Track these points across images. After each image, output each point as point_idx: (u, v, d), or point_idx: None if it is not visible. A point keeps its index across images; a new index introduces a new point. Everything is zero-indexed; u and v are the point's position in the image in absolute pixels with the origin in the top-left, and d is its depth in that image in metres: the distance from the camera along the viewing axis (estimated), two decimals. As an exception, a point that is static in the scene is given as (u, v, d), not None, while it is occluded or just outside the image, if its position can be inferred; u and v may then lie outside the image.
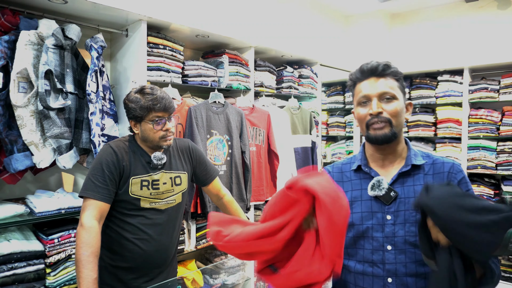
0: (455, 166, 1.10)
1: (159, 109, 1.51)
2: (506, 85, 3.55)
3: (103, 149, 1.55)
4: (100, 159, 1.50)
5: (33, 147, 1.71)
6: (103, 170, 1.48)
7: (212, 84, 2.53)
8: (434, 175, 1.09)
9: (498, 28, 3.60)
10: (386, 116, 1.06)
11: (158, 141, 1.55)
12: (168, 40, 2.27)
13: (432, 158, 1.13)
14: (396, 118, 1.07)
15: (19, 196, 1.94)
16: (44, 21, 1.78)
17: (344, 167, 1.22)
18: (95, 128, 1.90)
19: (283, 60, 3.37)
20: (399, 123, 1.08)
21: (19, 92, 1.67)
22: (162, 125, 1.54)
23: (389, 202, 1.07)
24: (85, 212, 1.42)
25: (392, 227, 1.06)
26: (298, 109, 3.20)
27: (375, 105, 1.06)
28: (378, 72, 1.09)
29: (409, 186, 1.09)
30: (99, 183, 1.46)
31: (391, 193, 1.07)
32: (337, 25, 4.18)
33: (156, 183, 1.58)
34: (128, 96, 1.56)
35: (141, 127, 1.55)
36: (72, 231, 1.84)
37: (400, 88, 1.11)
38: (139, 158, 1.57)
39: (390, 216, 1.07)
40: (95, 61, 1.92)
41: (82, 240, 1.36)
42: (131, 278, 1.55)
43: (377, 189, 1.07)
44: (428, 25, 4.13)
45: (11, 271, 1.63)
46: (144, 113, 1.51)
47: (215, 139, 2.44)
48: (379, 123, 1.06)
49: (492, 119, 3.59)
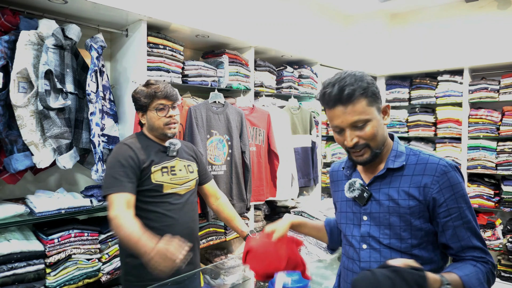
0: (439, 168, 1.04)
1: (161, 96, 1.62)
2: (506, 85, 3.55)
3: (117, 148, 1.61)
4: (117, 156, 1.56)
5: (33, 147, 1.71)
6: (122, 165, 1.53)
7: (212, 84, 2.53)
8: (413, 176, 1.06)
9: (498, 28, 3.60)
10: (363, 142, 1.05)
11: (163, 128, 1.64)
12: (168, 40, 2.27)
13: (418, 157, 1.09)
14: (374, 139, 1.05)
15: (19, 196, 1.94)
16: (44, 21, 1.78)
17: (339, 166, 1.28)
18: (95, 128, 1.90)
19: (283, 60, 3.37)
20: (379, 141, 1.07)
21: (19, 92, 1.67)
22: (166, 111, 1.63)
23: (363, 203, 1.11)
24: (112, 206, 1.46)
25: (367, 227, 1.11)
26: (298, 109, 3.20)
27: (349, 137, 1.04)
28: (343, 101, 1.01)
29: (384, 189, 1.09)
30: (121, 177, 1.51)
31: (364, 194, 1.10)
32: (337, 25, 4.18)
33: (173, 169, 1.67)
34: (135, 89, 1.68)
35: (147, 116, 1.66)
36: (72, 231, 1.84)
37: (372, 102, 1.04)
38: (153, 148, 1.65)
39: (366, 216, 1.11)
40: (95, 61, 1.92)
41: (121, 223, 1.39)
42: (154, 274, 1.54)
43: (352, 190, 1.11)
44: (428, 25, 4.13)
45: (11, 271, 1.63)
46: (148, 100, 1.62)
47: (215, 139, 2.44)
48: (358, 151, 1.07)
49: (492, 119, 3.59)
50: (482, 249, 1.04)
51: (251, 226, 2.81)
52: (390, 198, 1.07)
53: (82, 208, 1.87)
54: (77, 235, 1.86)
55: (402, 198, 1.06)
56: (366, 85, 1.03)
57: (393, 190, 1.08)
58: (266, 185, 2.82)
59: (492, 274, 1.04)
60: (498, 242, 3.40)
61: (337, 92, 1.01)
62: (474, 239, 1.04)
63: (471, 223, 1.04)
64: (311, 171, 3.25)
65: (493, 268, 1.05)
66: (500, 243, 3.38)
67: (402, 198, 1.06)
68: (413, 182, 1.06)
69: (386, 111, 1.10)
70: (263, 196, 2.78)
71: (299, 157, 3.16)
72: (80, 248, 1.86)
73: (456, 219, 1.03)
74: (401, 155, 1.10)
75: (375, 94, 1.06)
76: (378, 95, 1.07)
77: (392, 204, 1.07)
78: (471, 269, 1.01)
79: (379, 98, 1.08)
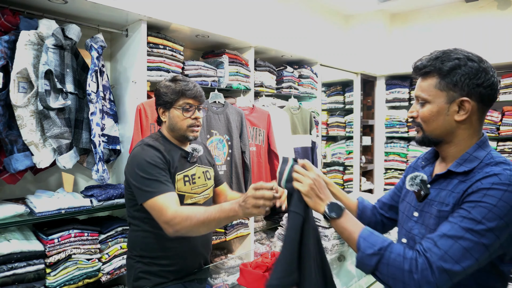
0: (492, 179, 0.91)
1: (190, 95, 1.49)
2: (506, 85, 3.56)
3: (143, 150, 1.44)
4: (147, 158, 1.40)
5: (33, 147, 1.71)
6: (156, 166, 1.39)
7: (212, 84, 2.53)
8: (467, 182, 0.96)
9: (498, 28, 3.60)
10: (418, 121, 1.06)
11: (186, 129, 1.51)
12: (168, 40, 2.27)
13: (489, 168, 0.95)
14: (427, 123, 1.04)
15: (19, 196, 1.94)
16: (44, 21, 1.78)
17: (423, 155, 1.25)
18: (95, 128, 1.90)
19: (283, 60, 3.37)
20: (433, 129, 1.04)
21: (19, 92, 1.67)
22: (192, 112, 1.50)
23: (419, 199, 1.05)
24: (164, 207, 1.31)
25: (413, 224, 1.08)
26: (298, 109, 3.20)
27: (411, 108, 1.08)
28: (418, 72, 1.05)
29: (444, 190, 1.02)
30: (161, 177, 1.38)
31: (422, 192, 1.03)
32: (337, 25, 4.18)
33: (193, 177, 1.55)
34: (159, 84, 1.54)
35: (170, 114, 1.51)
36: (72, 231, 1.84)
37: (444, 87, 1.00)
38: (175, 153, 1.51)
39: (418, 213, 1.08)
40: (95, 61, 1.92)
41: (187, 214, 1.27)
42: (175, 276, 1.51)
43: (411, 184, 1.06)
44: (428, 25, 4.14)
45: (11, 271, 1.63)
46: (175, 97, 1.48)
47: (215, 139, 2.44)
48: (414, 127, 1.10)
49: (492, 119, 3.59)
50: (436, 245, 0.89)
51: (251, 226, 2.81)
52: (443, 201, 0.99)
53: (82, 208, 1.87)
54: (77, 235, 1.86)
55: (446, 203, 0.99)
56: (447, 68, 0.98)
57: (447, 193, 1.00)
58: (266, 185, 2.81)
59: (405, 259, 0.89)
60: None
61: (421, 63, 1.03)
62: (440, 237, 0.90)
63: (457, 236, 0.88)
64: (311, 171, 3.25)
65: (417, 263, 0.88)
66: (500, 243, 3.38)
67: (446, 203, 0.99)
68: (459, 189, 0.97)
69: (464, 106, 0.98)
70: (263, 196, 2.78)
71: (299, 157, 3.15)
72: (80, 248, 1.86)
73: (456, 215, 0.92)
74: (472, 160, 0.99)
75: (456, 82, 0.97)
76: (460, 85, 0.97)
77: (442, 208, 0.99)
78: (384, 239, 0.95)
79: (459, 88, 0.97)
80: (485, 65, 0.98)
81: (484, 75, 0.96)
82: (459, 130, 1.01)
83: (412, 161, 1.28)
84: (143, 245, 1.50)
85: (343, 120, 4.54)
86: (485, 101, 0.99)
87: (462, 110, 0.99)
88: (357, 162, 4.25)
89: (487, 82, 0.96)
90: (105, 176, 1.94)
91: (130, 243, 1.57)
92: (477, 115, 1.00)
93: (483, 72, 0.96)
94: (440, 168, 1.08)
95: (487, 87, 0.97)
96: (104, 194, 1.94)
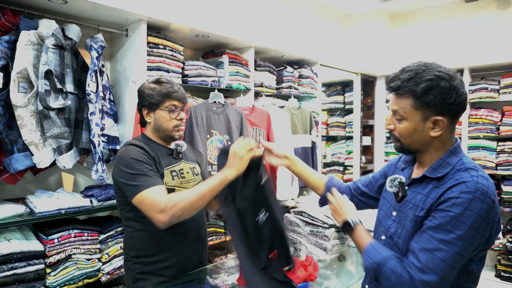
0: (461, 187, 1.00)
1: (176, 97, 1.54)
2: (506, 85, 3.56)
3: (127, 149, 1.47)
4: (131, 155, 1.43)
5: (33, 147, 1.71)
6: (141, 161, 1.42)
7: (212, 84, 2.53)
8: (440, 187, 1.05)
9: (498, 28, 3.60)
10: (395, 134, 1.15)
11: (171, 130, 1.56)
12: (168, 40, 2.27)
13: (461, 174, 1.03)
14: (405, 138, 1.12)
15: (19, 196, 1.94)
16: (44, 21, 1.78)
17: (399, 157, 1.36)
18: (94, 128, 1.90)
19: (283, 60, 3.37)
20: (410, 143, 1.12)
21: (19, 92, 1.67)
22: (177, 113, 1.55)
23: (397, 200, 1.15)
24: (155, 198, 1.33)
25: (391, 222, 1.17)
26: (298, 109, 3.20)
27: (388, 120, 1.17)
28: (392, 89, 1.12)
29: (418, 194, 1.11)
30: (148, 171, 1.40)
31: (399, 193, 1.13)
32: (337, 25, 4.18)
33: (181, 171, 1.60)
34: (143, 85, 1.58)
35: (155, 115, 1.55)
36: (72, 231, 1.84)
37: (418, 107, 1.07)
38: (159, 151, 1.56)
39: (396, 212, 1.17)
40: (95, 61, 1.92)
41: (178, 198, 1.32)
42: (172, 274, 1.53)
43: (390, 186, 1.15)
44: (428, 25, 4.13)
45: (11, 271, 1.63)
46: (161, 99, 1.52)
47: (215, 139, 2.44)
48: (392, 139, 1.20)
49: (492, 119, 3.59)
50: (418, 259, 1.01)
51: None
52: (415, 204, 1.09)
53: (82, 208, 1.87)
54: (77, 235, 1.86)
55: (421, 207, 1.07)
56: (420, 90, 1.04)
57: (422, 197, 1.09)
58: (266, 185, 2.81)
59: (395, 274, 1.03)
60: (498, 242, 3.39)
61: (391, 79, 1.12)
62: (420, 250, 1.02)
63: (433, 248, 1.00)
64: (311, 171, 3.25)
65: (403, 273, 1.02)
66: (500, 243, 3.38)
67: (421, 207, 1.07)
68: (435, 194, 1.05)
69: (438, 124, 1.06)
70: (263, 196, 2.78)
71: (299, 157, 3.11)
72: (80, 248, 1.86)
73: (430, 226, 1.02)
74: (445, 166, 1.08)
75: (429, 102, 1.04)
76: (433, 105, 1.04)
77: (414, 210, 1.09)
78: (383, 254, 1.09)
79: (433, 107, 1.04)
80: (455, 82, 1.04)
81: (455, 93, 1.03)
82: (434, 141, 1.10)
83: (393, 158, 1.38)
84: (140, 245, 1.51)
85: (343, 120, 4.54)
86: (458, 115, 1.08)
87: (437, 126, 1.07)
88: (357, 162, 4.25)
89: (458, 99, 1.04)
90: (105, 176, 1.95)
91: (126, 245, 1.58)
92: (450, 127, 1.09)
93: (454, 90, 1.03)
94: (417, 172, 1.17)
95: (458, 104, 1.05)
96: (104, 194, 1.94)
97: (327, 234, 1.73)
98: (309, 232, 1.79)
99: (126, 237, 1.58)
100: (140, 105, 1.58)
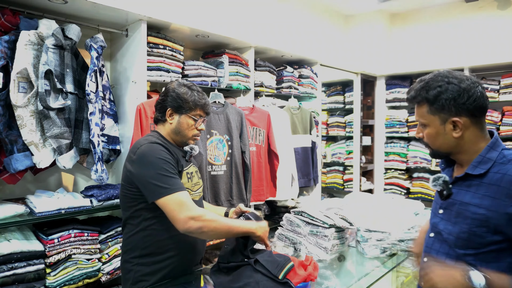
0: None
1: (206, 110, 1.58)
2: (506, 85, 3.56)
3: (151, 148, 1.43)
4: (157, 157, 1.40)
5: (33, 147, 1.71)
6: (169, 164, 1.42)
7: (212, 84, 2.53)
8: (490, 185, 1.07)
9: (498, 28, 3.60)
10: (425, 141, 1.22)
11: (189, 138, 1.57)
12: (168, 40, 2.27)
13: (503, 166, 1.07)
14: (432, 143, 1.19)
15: (19, 196, 1.94)
16: (44, 21, 1.78)
17: None
18: (94, 128, 1.90)
19: (283, 60, 3.37)
20: (438, 147, 1.18)
21: (19, 92, 1.67)
22: (200, 124, 1.58)
23: (442, 198, 1.19)
24: (186, 205, 1.36)
25: (438, 219, 1.22)
26: (298, 109, 3.20)
27: (417, 130, 1.25)
28: (411, 100, 1.20)
29: (463, 191, 1.15)
30: (174, 176, 1.41)
31: (444, 192, 1.17)
32: (337, 25, 4.18)
33: (192, 175, 1.62)
34: (173, 84, 1.55)
35: (180, 119, 1.53)
36: (72, 231, 1.84)
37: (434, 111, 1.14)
38: (176, 152, 1.54)
39: (442, 210, 1.21)
40: (95, 61, 1.92)
41: (216, 215, 1.43)
42: (173, 274, 1.52)
43: (434, 184, 1.20)
44: (428, 25, 4.14)
45: (11, 271, 1.63)
46: (193, 106, 1.53)
47: (215, 139, 2.44)
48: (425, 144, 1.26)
49: (492, 119, 3.59)
50: None
51: (251, 226, 2.81)
52: (463, 201, 1.13)
53: (82, 208, 1.87)
54: (77, 235, 1.86)
55: (473, 204, 1.09)
56: (432, 97, 1.12)
57: (469, 195, 1.12)
58: (266, 185, 2.82)
59: None
60: None
61: (408, 91, 1.21)
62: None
63: None
64: (311, 171, 3.26)
65: None
66: None
67: (473, 204, 1.09)
68: (489, 191, 1.07)
69: (457, 124, 1.11)
70: (263, 196, 2.78)
71: (299, 157, 3.16)
72: (80, 248, 1.86)
73: None
74: (486, 162, 1.11)
75: (442, 105, 1.11)
76: (447, 107, 1.10)
77: (463, 207, 1.12)
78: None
79: (447, 110, 1.11)
80: (465, 84, 1.09)
81: (466, 94, 1.08)
82: (462, 142, 1.13)
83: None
84: (147, 244, 1.47)
85: (343, 120, 4.54)
86: (477, 113, 1.10)
87: (457, 127, 1.11)
88: (357, 162, 4.25)
89: (471, 99, 1.08)
90: (104, 176, 1.94)
91: (127, 246, 1.52)
92: (473, 126, 1.12)
93: (464, 91, 1.08)
94: (458, 171, 1.21)
95: (473, 102, 1.08)
96: (104, 194, 1.94)
97: (327, 234, 1.73)
98: (309, 232, 1.79)
99: (128, 237, 1.52)
100: (166, 103, 1.52)
